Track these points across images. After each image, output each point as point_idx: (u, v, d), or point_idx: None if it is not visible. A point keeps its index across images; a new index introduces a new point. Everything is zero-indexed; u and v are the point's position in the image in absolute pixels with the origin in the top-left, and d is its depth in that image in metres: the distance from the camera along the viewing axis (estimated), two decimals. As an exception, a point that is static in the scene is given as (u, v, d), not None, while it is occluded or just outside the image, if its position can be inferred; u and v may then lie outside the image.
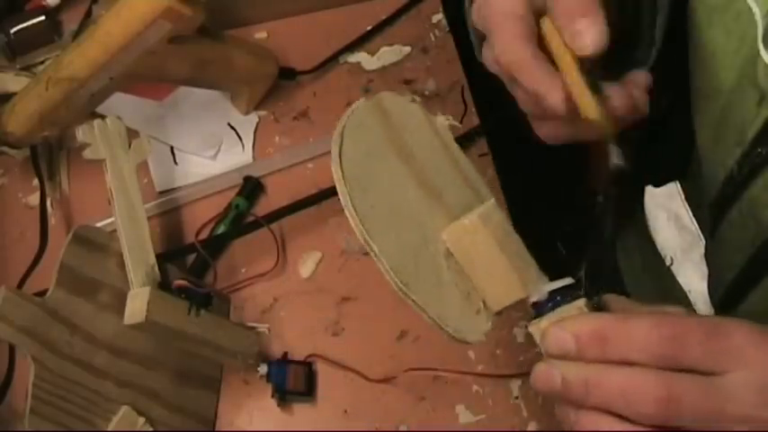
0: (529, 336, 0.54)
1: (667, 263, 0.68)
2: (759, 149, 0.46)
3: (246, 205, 0.74)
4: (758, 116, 0.45)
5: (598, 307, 0.42)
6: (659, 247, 0.68)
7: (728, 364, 0.38)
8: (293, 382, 0.65)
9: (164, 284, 0.62)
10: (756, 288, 0.51)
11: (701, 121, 0.53)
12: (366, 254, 0.72)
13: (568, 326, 0.40)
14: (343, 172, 0.43)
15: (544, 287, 0.44)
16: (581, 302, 0.42)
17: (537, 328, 0.43)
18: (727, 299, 0.55)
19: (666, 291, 0.68)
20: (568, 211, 0.94)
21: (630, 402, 0.38)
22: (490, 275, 0.45)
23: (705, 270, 0.61)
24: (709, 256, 0.60)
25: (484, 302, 0.46)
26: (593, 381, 0.39)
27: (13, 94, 0.70)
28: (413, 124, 0.49)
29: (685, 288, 0.66)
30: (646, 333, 0.38)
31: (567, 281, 0.44)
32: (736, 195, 0.49)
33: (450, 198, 0.48)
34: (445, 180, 0.48)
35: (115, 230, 0.63)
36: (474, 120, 0.78)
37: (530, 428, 0.65)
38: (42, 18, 0.81)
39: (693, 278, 0.65)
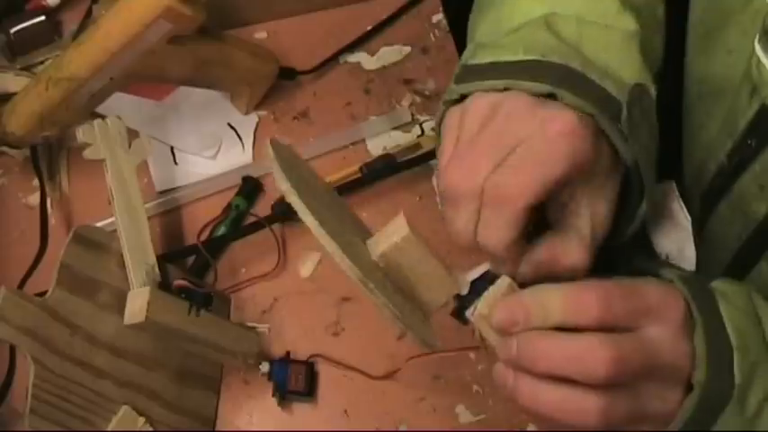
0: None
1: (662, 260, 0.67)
2: (749, 141, 0.46)
3: (246, 205, 0.74)
4: (750, 108, 0.45)
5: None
6: (654, 244, 0.68)
7: (645, 320, 0.41)
8: (294, 381, 0.65)
9: (164, 284, 0.62)
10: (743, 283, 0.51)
11: (710, 116, 0.54)
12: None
13: (513, 299, 0.43)
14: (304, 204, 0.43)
15: (466, 278, 0.45)
16: (507, 280, 0.44)
17: (479, 315, 0.44)
18: None
19: None
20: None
21: (585, 366, 0.40)
22: (426, 281, 0.45)
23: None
24: (699, 252, 0.60)
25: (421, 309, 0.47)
26: (542, 346, 0.41)
27: (13, 94, 0.70)
28: (306, 171, 0.49)
29: None
30: (579, 298, 0.41)
31: (484, 267, 0.45)
32: (725, 188, 0.50)
33: (353, 229, 0.47)
34: (344, 216, 0.48)
35: (115, 230, 0.63)
36: (474, 120, 0.78)
37: (530, 428, 0.65)
38: (42, 18, 0.81)
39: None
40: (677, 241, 0.66)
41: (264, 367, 0.65)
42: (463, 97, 0.48)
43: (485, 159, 0.43)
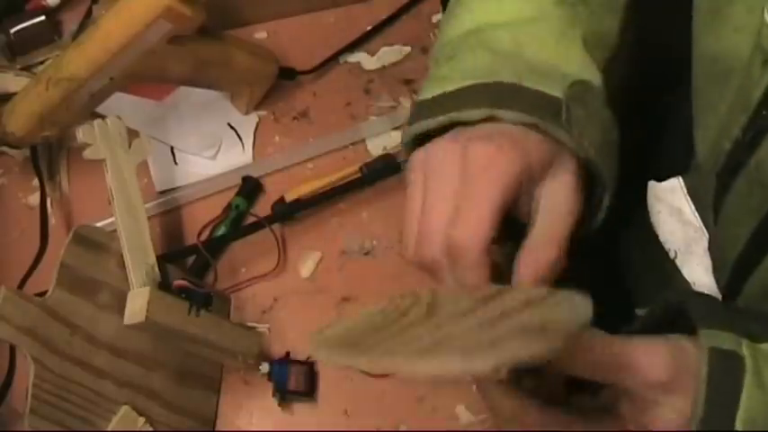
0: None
1: (671, 256, 0.67)
2: (764, 112, 0.46)
3: (246, 205, 0.74)
4: (762, 78, 0.45)
5: None
6: (662, 240, 0.68)
7: None
8: (295, 381, 0.65)
9: (164, 285, 0.62)
10: (762, 262, 0.51)
11: (720, 97, 0.53)
12: (366, 254, 0.72)
13: None
14: None
15: None
16: None
17: None
18: (733, 279, 0.54)
19: (669, 284, 0.68)
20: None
21: None
22: None
23: (709, 262, 0.61)
24: (713, 238, 0.60)
25: None
26: None
27: (13, 94, 0.70)
28: None
29: (689, 280, 0.66)
30: None
31: None
32: (741, 162, 0.49)
33: None
34: None
35: (115, 230, 0.63)
36: (474, 120, 0.78)
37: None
38: (42, 18, 0.81)
39: (697, 270, 0.65)
40: (684, 238, 0.66)
41: (264, 367, 0.65)
42: (425, 135, 0.50)
43: (435, 222, 0.45)
